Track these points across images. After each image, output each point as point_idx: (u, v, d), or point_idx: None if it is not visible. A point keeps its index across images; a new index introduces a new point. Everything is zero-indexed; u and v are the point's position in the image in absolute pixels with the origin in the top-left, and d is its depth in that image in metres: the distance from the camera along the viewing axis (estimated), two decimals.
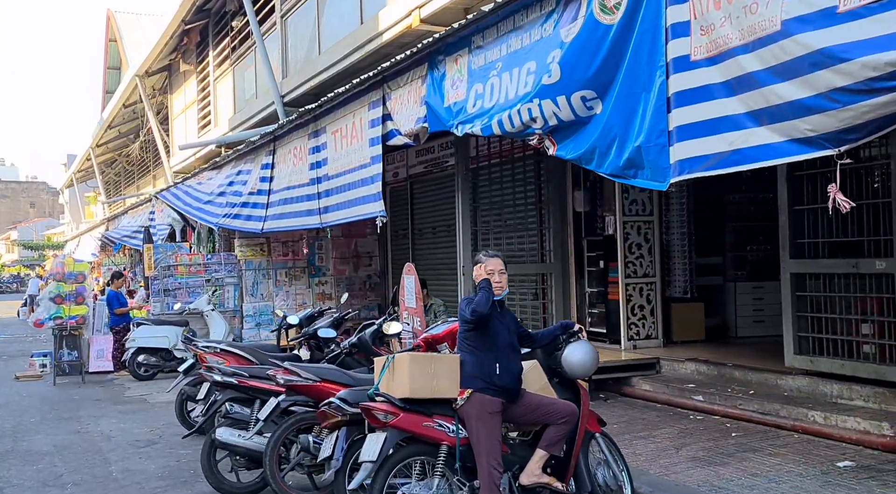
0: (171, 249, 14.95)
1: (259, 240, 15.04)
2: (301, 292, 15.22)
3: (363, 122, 9.99)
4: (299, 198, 12.14)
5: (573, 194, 10.19)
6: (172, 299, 14.46)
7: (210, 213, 15.13)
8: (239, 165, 15.00)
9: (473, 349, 4.88)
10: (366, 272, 15.75)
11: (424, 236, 14.42)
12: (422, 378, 4.79)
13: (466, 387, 4.82)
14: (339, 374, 5.99)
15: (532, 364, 5.14)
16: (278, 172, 13.13)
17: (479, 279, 4.98)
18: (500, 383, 4.81)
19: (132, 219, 26.54)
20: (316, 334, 8.49)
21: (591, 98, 6.06)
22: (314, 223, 11.71)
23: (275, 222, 12.95)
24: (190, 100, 22.58)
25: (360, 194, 10.15)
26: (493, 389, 4.80)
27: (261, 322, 14.88)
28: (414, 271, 8.35)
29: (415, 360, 4.88)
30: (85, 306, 13.50)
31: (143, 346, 13.35)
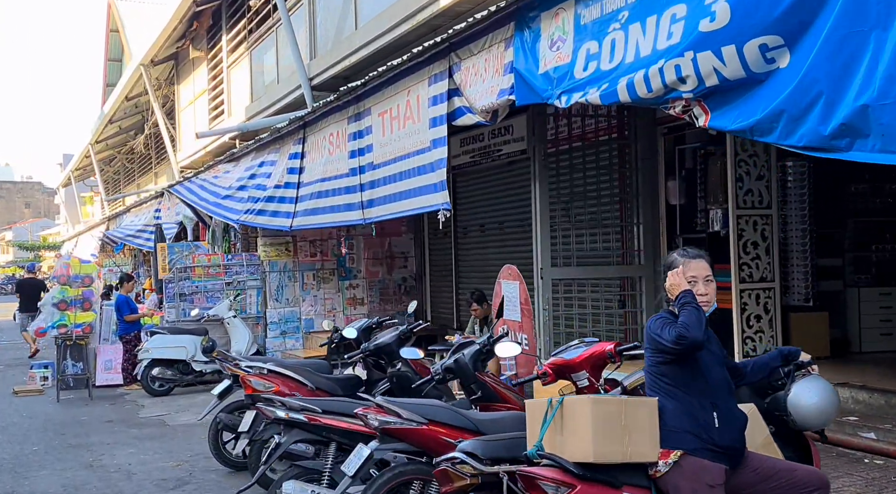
0: (187, 248, 13.48)
1: (284, 238, 13.59)
2: (330, 296, 13.77)
3: (421, 100, 8.54)
4: (336, 191, 10.69)
5: (667, 185, 8.74)
6: (189, 305, 13.00)
7: (229, 209, 13.66)
8: (261, 155, 13.55)
9: (675, 391, 3.46)
10: (401, 275, 14.29)
11: (470, 235, 12.96)
12: (610, 433, 3.33)
13: (672, 447, 3.39)
14: (453, 414, 4.53)
15: (749, 410, 3.68)
16: (309, 163, 11.69)
17: (676, 290, 3.53)
18: (721, 440, 3.39)
19: (136, 217, 25.13)
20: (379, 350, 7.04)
21: (775, 46, 4.59)
22: (355, 219, 10.27)
23: (306, 218, 11.49)
24: (200, 89, 21.11)
25: (416, 183, 8.70)
26: (713, 450, 3.37)
27: (286, 330, 13.43)
28: (518, 275, 6.79)
29: (599, 406, 3.41)
30: (92, 313, 12.05)
31: (157, 357, 11.88)
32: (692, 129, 8.56)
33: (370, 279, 14.04)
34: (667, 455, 3.36)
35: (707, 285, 3.56)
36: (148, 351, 11.85)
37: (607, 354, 4.59)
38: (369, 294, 14.00)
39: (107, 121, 28.92)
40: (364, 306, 13.95)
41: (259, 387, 6.55)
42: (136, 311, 12.68)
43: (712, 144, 8.41)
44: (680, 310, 3.43)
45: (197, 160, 21.67)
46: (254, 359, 7.37)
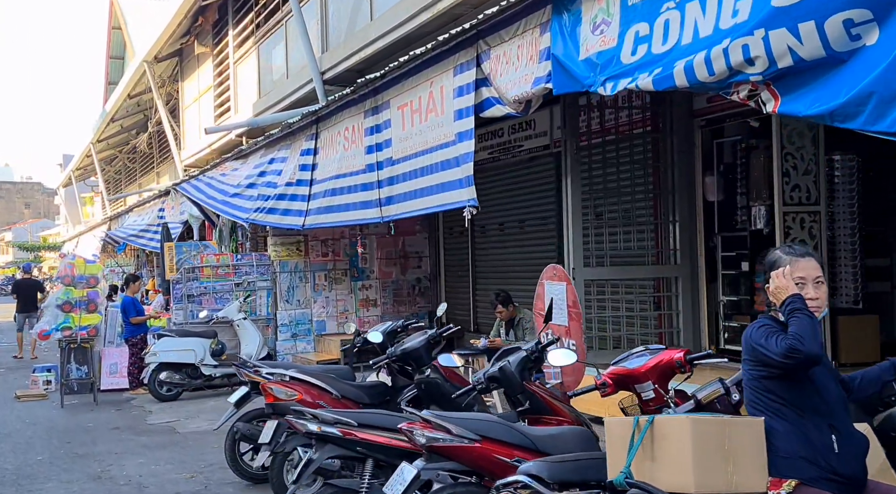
0: (195, 248, 13.04)
1: (296, 238, 13.15)
2: (342, 298, 13.33)
3: (445, 91, 8.11)
4: (352, 188, 10.26)
5: (704, 180, 8.30)
6: (197, 306, 12.56)
7: (238, 207, 13.22)
8: (271, 152, 13.12)
9: (785, 411, 3.01)
10: (414, 275, 13.86)
11: (489, 234, 12.52)
12: (712, 459, 2.88)
13: (785, 475, 2.95)
14: (507, 430, 4.08)
15: (864, 430, 3.22)
16: (323, 159, 11.26)
17: (782, 294, 3.06)
18: (842, 468, 2.95)
19: (138, 217, 24.72)
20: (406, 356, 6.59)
21: (862, 21, 4.16)
22: (372, 217, 9.84)
23: (319, 216, 11.05)
24: (205, 86, 20.67)
25: (439, 179, 8.27)
26: (834, 479, 2.93)
27: (297, 333, 12.99)
28: (565, 275, 6.28)
29: (699, 427, 2.95)
30: (98, 315, 11.60)
31: (165, 361, 11.43)
32: (731, 121, 8.14)
33: (383, 280, 13.61)
34: (778, 484, 2.92)
35: (817, 288, 3.11)
36: (155, 355, 11.41)
37: (676, 363, 4.16)
38: (382, 295, 13.56)
39: (108, 119, 28.48)
40: (377, 307, 13.51)
41: (281, 395, 6.12)
42: (142, 313, 12.24)
43: (754, 138, 7.98)
44: (788, 318, 2.98)
45: (201, 158, 21.24)
46: (275, 365, 6.92)
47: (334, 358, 12.21)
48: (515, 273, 11.59)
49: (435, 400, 6.41)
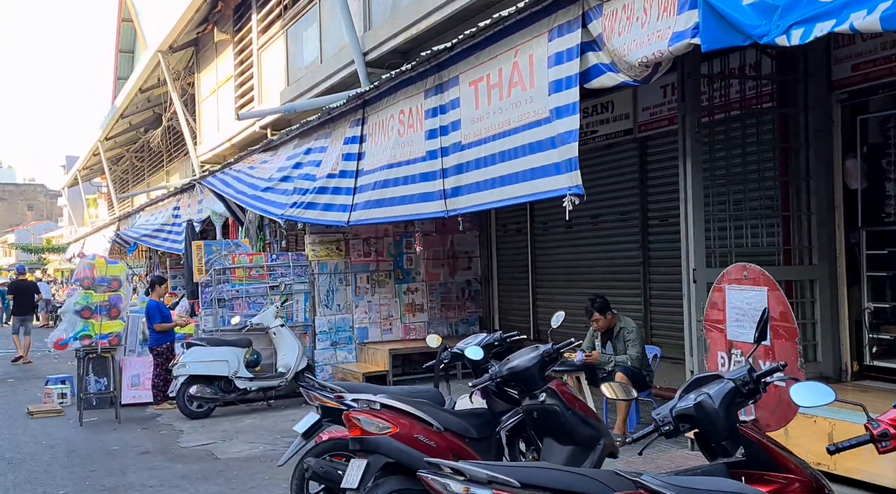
0: (226, 247, 11.80)
1: (335, 236, 11.94)
2: (386, 302, 12.10)
3: (536, 60, 6.91)
4: (409, 178, 9.07)
5: (844, 164, 7.05)
6: (228, 312, 11.33)
7: (272, 202, 11.99)
8: (307, 142, 11.92)
9: None
10: (464, 277, 12.63)
11: (553, 232, 11.28)
12: None
13: None
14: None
15: None
16: (371, 147, 10.05)
17: None
18: None
19: (151, 216, 23.49)
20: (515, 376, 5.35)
21: None
22: (434, 211, 8.62)
23: (368, 211, 9.83)
24: (224, 76, 19.45)
25: (526, 164, 7.07)
26: None
27: (337, 341, 11.77)
28: (767, 278, 4.83)
29: None
30: (120, 322, 10.38)
31: (195, 374, 10.21)
32: (881, 93, 6.90)
33: (430, 282, 12.39)
34: None
35: None
36: (185, 366, 10.18)
37: None
38: (430, 299, 12.34)
39: (118, 115, 27.32)
40: (424, 312, 12.29)
41: (371, 428, 4.89)
42: (168, 319, 11.01)
43: None
44: None
45: (218, 154, 20.07)
46: (356, 388, 5.68)
47: (381, 370, 10.99)
48: (587, 276, 10.38)
49: (551, 432, 5.20)
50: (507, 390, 5.63)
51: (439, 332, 12.14)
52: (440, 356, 6.16)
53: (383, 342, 11.90)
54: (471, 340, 6.07)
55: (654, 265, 9.29)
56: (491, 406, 5.75)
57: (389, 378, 10.89)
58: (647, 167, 9.37)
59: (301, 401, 10.74)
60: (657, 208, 9.26)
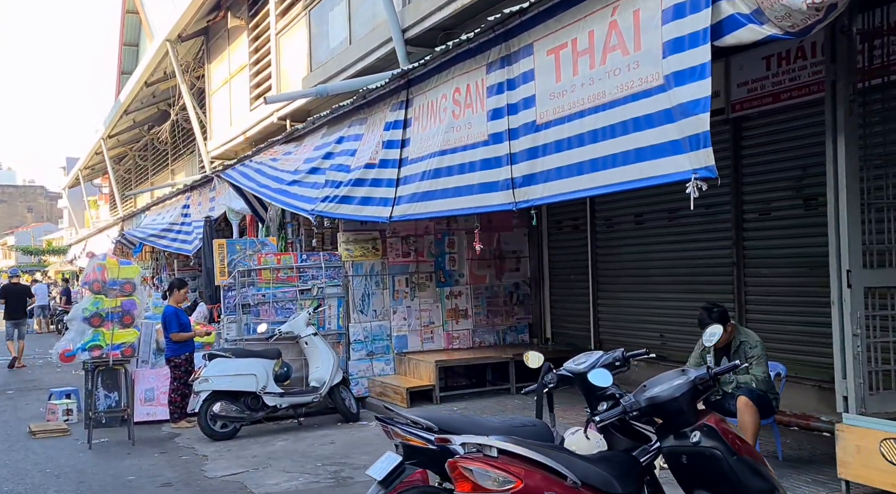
0: (251, 246, 10.59)
1: (371, 234, 10.76)
2: (427, 307, 10.92)
3: (642, 17, 5.78)
4: (467, 166, 7.93)
5: None
6: (254, 319, 10.14)
7: (300, 197, 10.82)
8: (338, 129, 10.76)
9: None
10: (512, 280, 11.45)
11: (619, 229, 10.08)
12: None
13: None
14: None
15: None
16: (418, 132, 8.91)
17: None
18: None
19: (157, 215, 22.35)
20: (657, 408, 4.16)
21: None
22: (499, 204, 7.48)
23: (415, 205, 8.67)
24: (237, 66, 18.26)
25: (629, 144, 5.94)
26: None
27: (374, 351, 10.58)
28: None
29: None
30: (134, 330, 9.19)
31: (220, 389, 9.02)
32: None
33: (475, 285, 11.20)
34: None
35: None
36: (207, 381, 8.99)
37: None
38: (474, 304, 11.16)
39: (122, 111, 26.16)
40: (468, 319, 11.11)
41: (487, 483, 3.72)
42: (187, 327, 9.81)
43: None
44: None
45: (230, 150, 18.91)
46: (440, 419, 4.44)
47: (426, 385, 9.81)
48: (662, 279, 9.20)
49: (707, 483, 4.03)
50: (635, 423, 4.45)
51: (485, 340, 11.00)
52: (543, 378, 4.96)
53: (424, 351, 10.71)
54: (583, 359, 4.87)
55: (752, 266, 8.10)
56: (611, 444, 4.56)
57: (436, 394, 9.71)
58: (741, 152, 8.18)
59: (336, 419, 9.58)
60: (756, 200, 8.06)
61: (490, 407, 9.28)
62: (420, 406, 9.53)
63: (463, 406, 9.41)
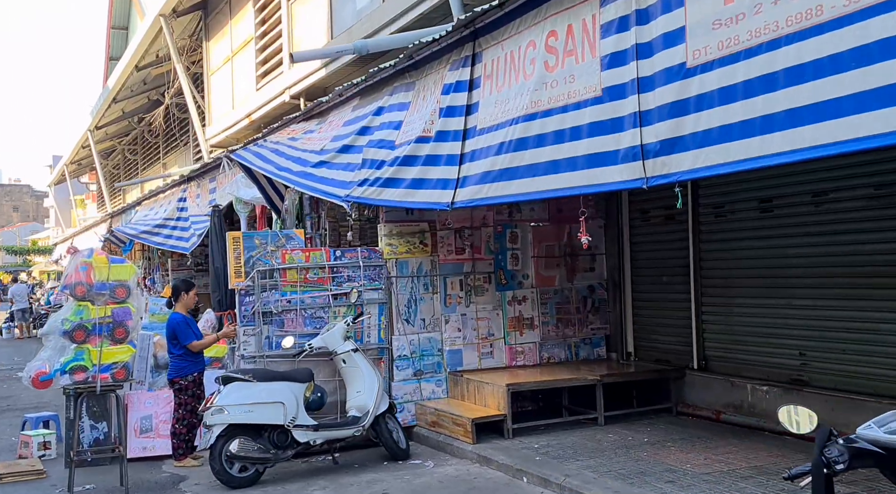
0: (274, 240, 8.59)
1: (418, 226, 8.80)
2: (485, 315, 8.97)
3: None
4: (565, 132, 6.08)
5: None
6: (277, 330, 8.17)
7: (328, 180, 8.87)
8: (375, 99, 8.86)
9: None
10: (586, 281, 9.50)
11: (737, 217, 8.08)
12: None
13: None
14: None
15: None
16: (491, 94, 7.03)
17: None
18: None
19: (150, 210, 20.36)
20: None
21: None
22: (621, 180, 5.66)
23: (488, 186, 6.79)
24: (241, 41, 16.25)
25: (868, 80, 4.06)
26: None
27: (422, 369, 8.63)
28: None
29: None
30: (129, 347, 7.22)
31: (238, 422, 7.05)
32: None
33: (542, 289, 9.25)
34: None
35: None
36: (222, 411, 7.01)
37: None
38: (542, 312, 9.21)
39: (111, 99, 24.16)
40: (534, 330, 9.16)
41: None
42: (199, 336, 7.81)
43: None
44: None
45: (232, 136, 16.92)
46: None
47: (494, 414, 7.84)
48: (803, 281, 7.25)
49: None
50: None
51: (555, 355, 9.08)
52: (822, 445, 3.00)
53: (483, 370, 8.77)
54: (891, 418, 2.93)
55: None
56: None
57: (507, 426, 7.75)
58: None
59: (379, 455, 7.65)
60: None
61: (582, 445, 7.33)
62: (489, 442, 7.59)
63: (545, 443, 7.46)
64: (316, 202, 11.36)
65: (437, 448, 7.94)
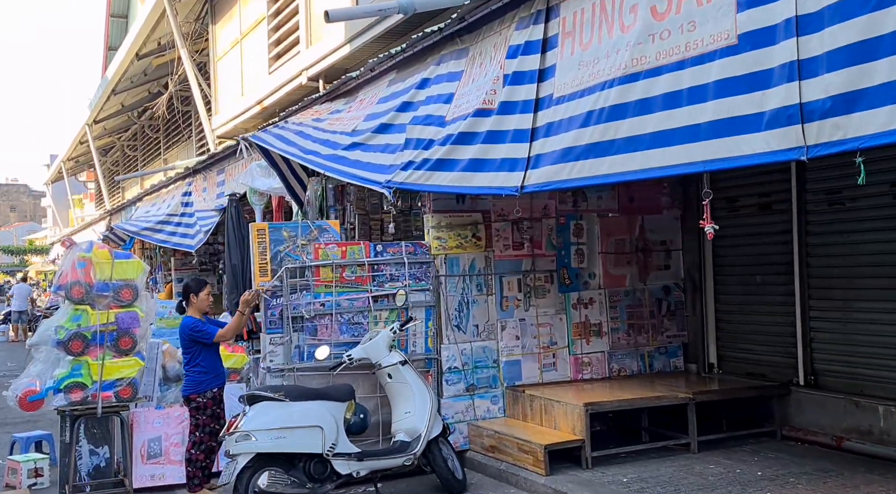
0: (303, 232, 7.33)
1: (470, 217, 7.56)
2: (547, 321, 7.73)
3: None
4: (682, 94, 4.96)
5: None
6: (309, 338, 6.94)
7: (364, 164, 7.64)
8: (417, 70, 7.73)
9: None
10: (660, 282, 8.27)
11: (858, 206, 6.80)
12: None
13: None
14: None
15: None
16: (573, 54, 5.88)
17: None
18: None
19: (153, 205, 19.19)
20: None
21: None
22: (768, 150, 4.53)
23: (570, 165, 5.63)
24: (251, 22, 15.03)
25: None
26: None
27: (475, 384, 7.40)
28: None
29: None
30: (136, 359, 5.98)
31: (267, 451, 5.83)
32: None
33: (611, 290, 8.02)
34: None
35: None
36: (249, 438, 5.79)
37: None
38: (611, 316, 7.98)
39: (110, 90, 22.98)
40: (601, 338, 7.93)
41: None
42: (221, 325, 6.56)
43: None
44: None
45: (240, 126, 15.68)
46: None
47: (571, 439, 6.60)
48: None
49: None
50: None
51: (626, 367, 7.85)
52: None
53: (544, 384, 7.56)
54: None
55: None
56: None
57: (586, 454, 6.51)
58: None
59: (429, 484, 6.43)
60: None
61: (682, 480, 6.09)
62: (564, 472, 6.36)
63: (634, 476, 6.23)
64: (340, 192, 10.15)
65: (497, 478, 6.72)
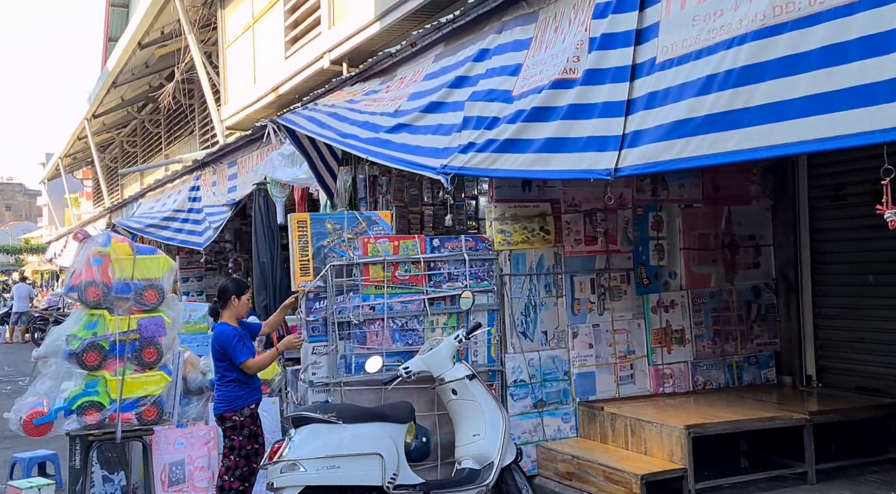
0: (350, 224, 6.33)
1: (537, 206, 6.60)
2: (623, 326, 6.76)
3: None
4: (846, 48, 4.00)
5: None
6: (358, 346, 5.97)
7: (413, 148, 6.67)
8: (471, 42, 6.83)
9: None
10: (749, 282, 7.30)
11: None
12: None
13: None
14: None
15: None
16: (682, 9, 5.08)
17: None
18: None
19: (157, 201, 18.20)
20: None
21: None
22: None
23: (680, 142, 4.66)
24: (264, 4, 14.04)
25: None
26: None
27: (544, 399, 6.43)
28: None
29: None
30: (162, 374, 5.02)
31: (318, 484, 4.87)
32: None
33: (694, 291, 7.05)
34: None
35: None
36: (296, 468, 4.83)
37: None
38: (695, 322, 7.01)
39: (110, 82, 22.07)
40: (685, 345, 6.96)
41: None
42: (252, 352, 5.63)
43: None
44: None
45: (251, 116, 14.71)
46: None
47: (671, 469, 5.63)
48: None
49: None
50: None
51: (712, 379, 6.89)
52: None
53: (621, 399, 6.60)
54: None
55: None
56: None
57: (689, 486, 5.54)
58: None
59: None
60: None
61: None
62: None
63: None
64: (372, 182, 9.19)
65: None
